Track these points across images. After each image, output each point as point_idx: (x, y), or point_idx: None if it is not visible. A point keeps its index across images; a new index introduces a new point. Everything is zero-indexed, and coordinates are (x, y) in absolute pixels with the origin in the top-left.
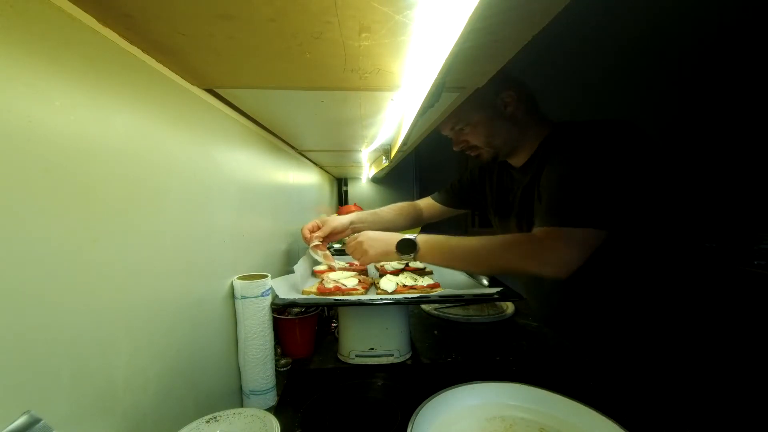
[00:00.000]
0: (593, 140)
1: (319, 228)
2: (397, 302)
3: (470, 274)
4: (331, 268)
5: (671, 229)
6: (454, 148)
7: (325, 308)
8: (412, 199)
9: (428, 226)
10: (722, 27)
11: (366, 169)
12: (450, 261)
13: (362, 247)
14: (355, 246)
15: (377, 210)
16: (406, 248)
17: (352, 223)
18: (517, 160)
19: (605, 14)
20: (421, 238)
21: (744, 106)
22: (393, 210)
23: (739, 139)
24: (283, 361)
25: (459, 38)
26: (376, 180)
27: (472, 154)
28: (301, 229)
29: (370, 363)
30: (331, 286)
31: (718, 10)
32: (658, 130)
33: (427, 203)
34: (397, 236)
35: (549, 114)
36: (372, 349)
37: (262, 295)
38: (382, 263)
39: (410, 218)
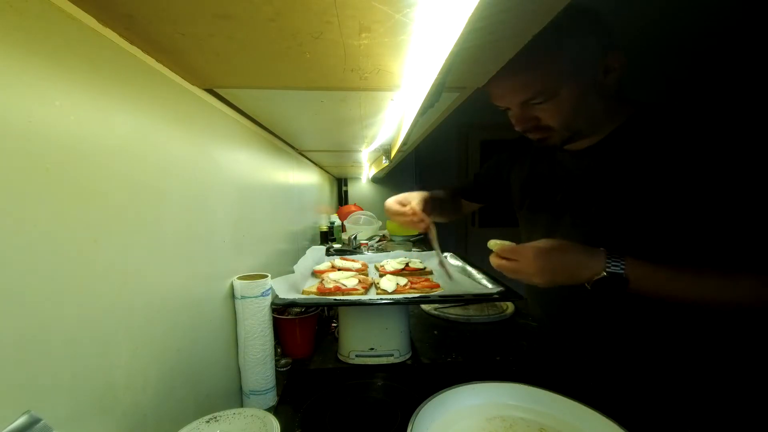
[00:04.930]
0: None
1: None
2: (397, 302)
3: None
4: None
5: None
6: (516, 128)
7: (325, 308)
8: None
9: None
10: (722, 27)
11: (366, 169)
12: (671, 297)
13: (541, 268)
14: (523, 267)
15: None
16: (608, 288)
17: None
18: (580, 143)
19: (605, 14)
20: (634, 272)
21: (744, 107)
22: (447, 194)
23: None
24: (283, 361)
25: (459, 38)
26: (376, 180)
27: (535, 137)
28: (391, 205)
29: (370, 363)
30: (331, 286)
31: (718, 10)
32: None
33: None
34: (584, 262)
35: None
36: (372, 349)
37: (262, 295)
38: (382, 263)
39: (457, 209)
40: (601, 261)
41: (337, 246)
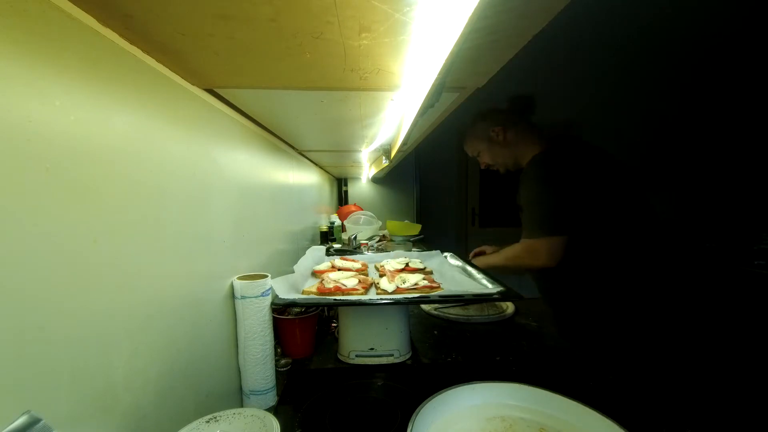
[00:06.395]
0: (557, 165)
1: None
2: (397, 302)
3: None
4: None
5: (670, 231)
6: (482, 167)
7: (325, 308)
8: (413, 199)
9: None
10: (723, 27)
11: (366, 169)
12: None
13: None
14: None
15: None
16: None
17: None
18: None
19: (605, 14)
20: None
21: (744, 106)
22: None
23: (739, 139)
24: (283, 361)
25: (459, 38)
26: (376, 180)
27: (492, 169)
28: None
29: (370, 363)
30: (331, 286)
31: (718, 10)
32: (658, 129)
33: None
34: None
35: (547, 111)
36: (372, 349)
37: (262, 295)
38: (382, 263)
39: None
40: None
41: (337, 246)
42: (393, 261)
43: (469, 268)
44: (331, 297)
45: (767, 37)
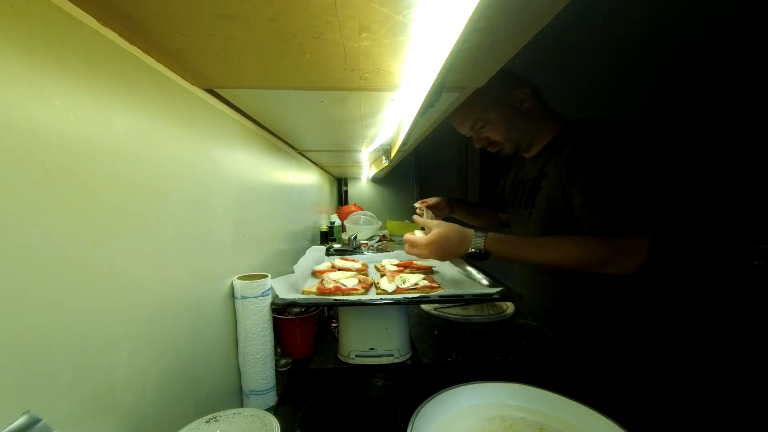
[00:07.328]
0: (629, 144)
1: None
2: (397, 302)
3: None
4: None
5: (673, 229)
6: (477, 146)
7: (325, 308)
8: (413, 199)
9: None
10: (722, 27)
11: (366, 169)
12: (521, 260)
13: (432, 252)
14: (421, 252)
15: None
16: (477, 258)
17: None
18: (531, 152)
19: (605, 14)
20: (492, 244)
21: (743, 106)
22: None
23: (739, 139)
24: (283, 361)
25: (459, 38)
26: (376, 180)
27: (494, 150)
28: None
29: (370, 363)
30: (331, 286)
31: (719, 9)
32: (657, 129)
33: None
34: (458, 243)
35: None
36: (372, 349)
37: (262, 295)
38: (383, 263)
39: (486, 217)
40: (470, 239)
41: (337, 246)
42: (393, 261)
43: (468, 268)
44: (331, 297)
45: (767, 37)
